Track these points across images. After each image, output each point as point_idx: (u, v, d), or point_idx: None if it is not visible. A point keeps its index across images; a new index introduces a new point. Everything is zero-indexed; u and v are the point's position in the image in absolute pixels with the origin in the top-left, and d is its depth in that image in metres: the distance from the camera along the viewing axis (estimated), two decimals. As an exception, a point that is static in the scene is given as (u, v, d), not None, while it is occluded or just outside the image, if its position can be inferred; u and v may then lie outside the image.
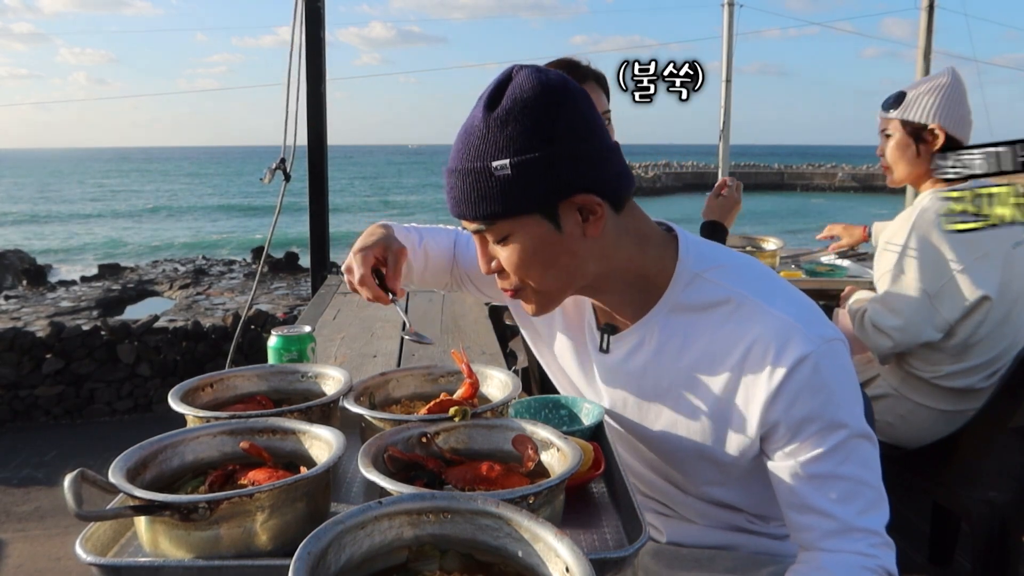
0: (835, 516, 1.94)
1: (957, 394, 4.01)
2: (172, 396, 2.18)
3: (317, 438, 1.91)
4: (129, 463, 1.73)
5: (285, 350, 2.71)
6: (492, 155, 1.92)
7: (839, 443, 1.94)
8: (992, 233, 3.92)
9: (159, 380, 10.81)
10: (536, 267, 2.02)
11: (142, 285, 23.54)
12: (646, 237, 2.11)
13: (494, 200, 1.93)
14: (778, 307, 1.99)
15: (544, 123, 1.90)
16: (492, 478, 1.82)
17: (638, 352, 2.17)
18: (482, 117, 1.95)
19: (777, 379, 1.93)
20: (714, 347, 2.04)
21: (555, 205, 1.94)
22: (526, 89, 1.92)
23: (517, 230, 1.98)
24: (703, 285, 2.08)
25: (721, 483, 2.22)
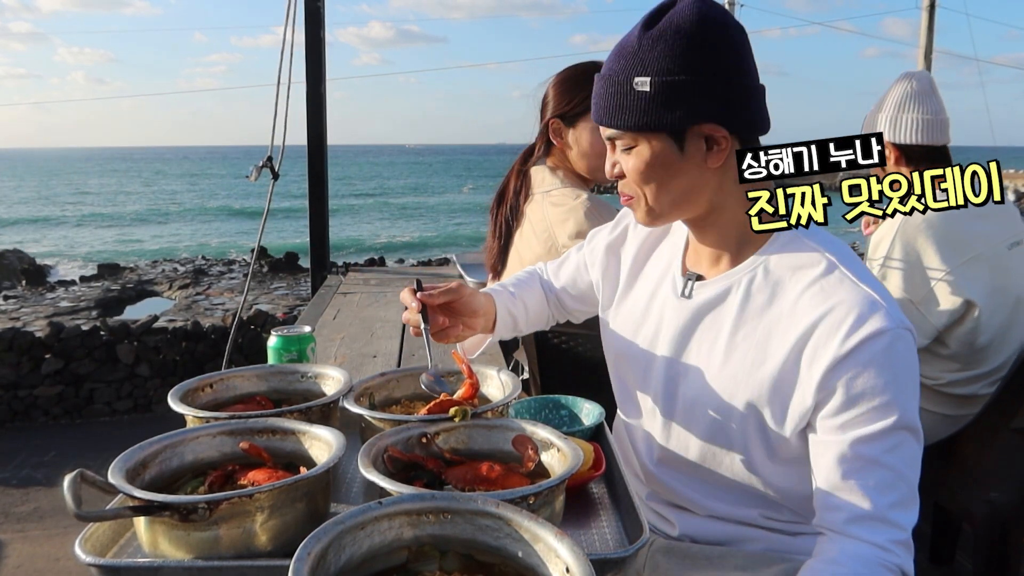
0: (869, 501, 1.92)
1: (960, 401, 4.00)
2: (172, 396, 2.18)
3: (317, 438, 1.91)
4: (128, 463, 1.73)
5: (285, 350, 2.71)
6: (637, 70, 2.02)
7: (890, 429, 1.92)
8: (983, 234, 3.90)
9: (158, 380, 10.82)
10: (653, 182, 2.10)
11: (141, 285, 23.54)
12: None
13: (629, 112, 2.04)
14: (866, 282, 2.01)
15: (691, 52, 1.99)
16: (492, 478, 1.82)
17: (721, 300, 2.19)
18: (638, 34, 2.05)
19: (851, 344, 1.93)
20: (796, 306, 2.05)
21: (683, 130, 2.03)
22: (685, 16, 2.01)
23: (643, 143, 2.07)
24: (800, 246, 2.12)
25: (769, 461, 2.19)
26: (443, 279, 7.47)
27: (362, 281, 7.69)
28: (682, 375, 2.27)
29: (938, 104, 4.07)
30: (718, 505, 2.36)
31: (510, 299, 2.75)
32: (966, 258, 3.82)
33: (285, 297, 19.45)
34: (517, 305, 2.77)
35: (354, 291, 6.94)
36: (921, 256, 3.84)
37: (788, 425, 2.07)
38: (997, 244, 3.91)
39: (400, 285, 7.34)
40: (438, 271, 9.26)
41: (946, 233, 3.84)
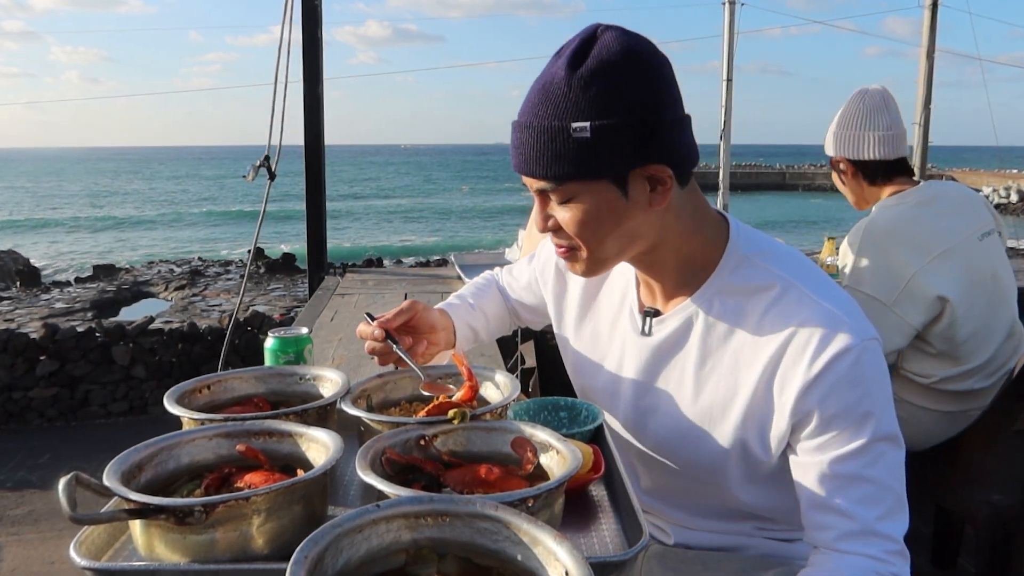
0: (855, 517, 1.93)
1: (957, 396, 4.03)
2: (168, 398, 2.18)
3: (314, 441, 1.91)
4: (124, 466, 1.73)
5: (282, 352, 2.71)
6: (572, 115, 1.90)
7: (869, 443, 1.94)
8: (952, 227, 3.95)
9: (154, 382, 10.81)
10: (596, 231, 2.03)
11: (137, 286, 23.53)
12: (703, 216, 2.13)
13: (568, 161, 1.93)
14: (824, 297, 2.00)
15: (628, 89, 1.90)
16: (491, 481, 1.82)
17: (682, 335, 2.18)
18: (564, 75, 1.93)
19: (818, 367, 1.93)
20: (759, 332, 2.04)
21: (627, 173, 1.96)
22: (613, 51, 1.92)
23: (584, 193, 1.98)
24: (751, 268, 2.09)
25: (749, 484, 2.21)
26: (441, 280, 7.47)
27: (360, 282, 7.69)
28: (651, 412, 2.28)
29: (892, 119, 4.13)
30: (709, 523, 2.37)
31: (468, 311, 2.77)
32: (935, 254, 3.86)
33: (282, 298, 19.45)
34: (477, 317, 2.78)
35: (352, 292, 6.95)
36: (890, 257, 3.89)
37: (767, 449, 2.09)
38: (966, 237, 3.95)
39: (398, 286, 7.36)
40: (436, 272, 9.26)
41: (913, 232, 3.91)
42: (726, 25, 11.87)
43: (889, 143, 4.10)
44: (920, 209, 4.00)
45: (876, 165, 4.13)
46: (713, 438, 2.15)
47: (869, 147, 4.11)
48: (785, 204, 69.58)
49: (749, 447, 2.11)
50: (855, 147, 4.14)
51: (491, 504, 1.44)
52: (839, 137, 4.20)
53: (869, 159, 4.12)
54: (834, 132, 4.22)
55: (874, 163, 4.13)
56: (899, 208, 4.03)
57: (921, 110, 16.52)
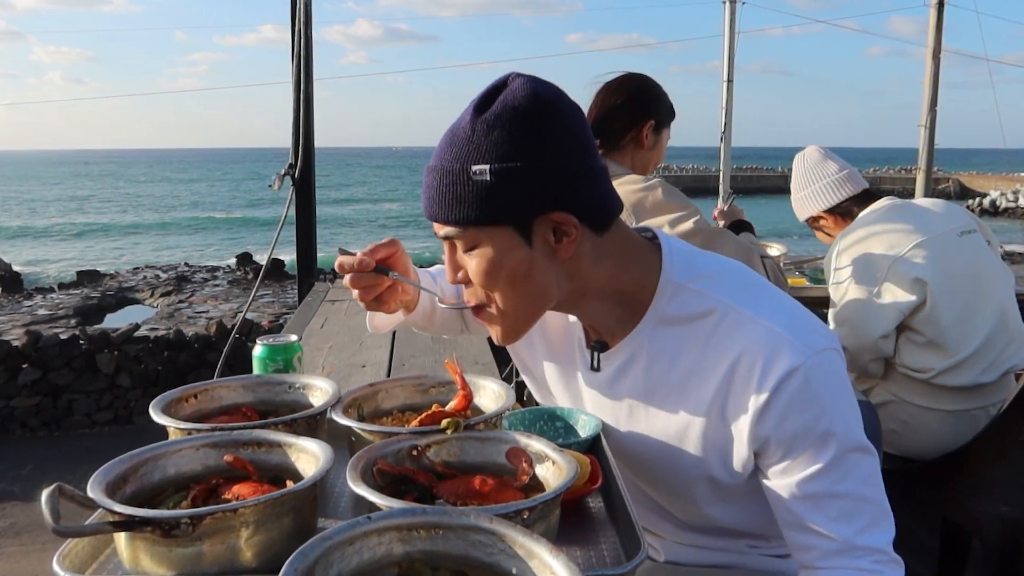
0: (835, 535, 1.94)
1: (959, 392, 4.09)
2: (153, 407, 2.18)
3: (304, 451, 1.91)
4: (109, 477, 1.73)
5: (271, 360, 2.71)
6: (473, 158, 1.90)
7: (834, 459, 1.93)
8: (928, 223, 4.21)
9: (140, 391, 10.82)
10: (501, 282, 2.00)
11: (122, 292, 23.54)
12: (628, 255, 2.10)
13: (468, 205, 1.91)
14: (764, 316, 1.98)
15: (531, 134, 1.89)
16: (485, 492, 1.82)
17: (628, 369, 2.17)
18: (470, 119, 1.93)
19: (765, 394, 1.93)
20: (703, 361, 2.03)
21: (530, 220, 1.93)
22: (519, 97, 1.91)
23: (487, 240, 1.95)
24: (688, 296, 2.07)
25: (720, 503, 2.21)
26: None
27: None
28: (616, 444, 2.27)
29: (835, 164, 4.55)
30: (699, 538, 2.38)
31: (431, 282, 2.67)
32: (913, 243, 4.11)
33: (271, 305, 19.46)
34: (436, 289, 2.71)
35: (342, 299, 6.95)
36: (869, 251, 4.18)
37: (733, 473, 2.09)
38: (943, 232, 4.19)
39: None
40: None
41: (888, 228, 4.21)
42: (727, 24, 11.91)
43: (847, 180, 4.49)
44: (894, 211, 4.32)
45: (848, 202, 4.49)
46: (677, 465, 2.15)
47: (831, 191, 4.49)
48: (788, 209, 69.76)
49: (714, 473, 2.11)
50: (821, 198, 4.52)
51: (485, 516, 1.44)
52: (805, 198, 4.61)
53: (840, 200, 4.48)
54: (798, 199, 4.65)
55: (846, 202, 4.49)
56: (874, 214, 4.34)
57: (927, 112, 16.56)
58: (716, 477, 2.12)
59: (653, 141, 4.05)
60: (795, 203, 4.69)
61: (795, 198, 4.68)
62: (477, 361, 4.56)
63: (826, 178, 4.49)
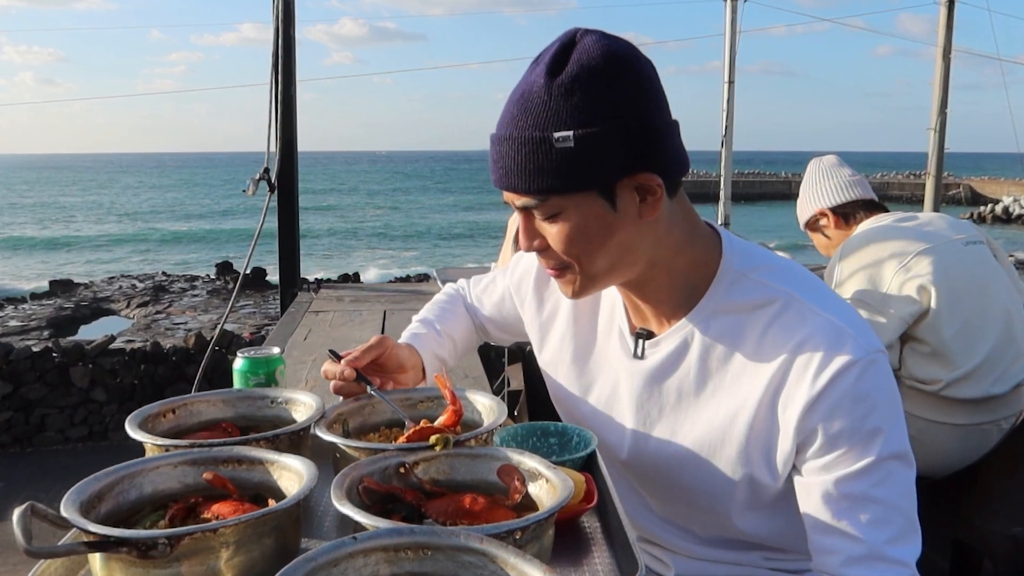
0: (863, 540, 1.94)
1: (969, 405, 4.09)
2: (130, 423, 2.17)
3: (286, 468, 1.91)
4: (83, 496, 1.73)
5: (252, 373, 2.71)
6: (554, 125, 1.90)
7: (876, 462, 1.94)
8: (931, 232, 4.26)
9: (115, 406, 10.80)
10: (586, 247, 2.02)
11: (97, 303, 23.52)
12: (694, 229, 2.14)
13: (552, 174, 1.92)
14: (828, 309, 2.02)
15: (612, 95, 1.90)
16: (476, 511, 1.82)
17: (680, 356, 2.17)
18: (544, 83, 1.93)
19: (821, 383, 1.94)
20: (761, 349, 2.05)
21: (614, 183, 1.95)
22: (594, 56, 1.92)
23: (570, 207, 1.98)
24: (748, 285, 2.10)
25: (750, 511, 2.21)
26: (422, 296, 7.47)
27: (335, 299, 7.69)
28: (648, 439, 2.29)
29: (849, 170, 4.66)
30: (714, 552, 2.38)
31: (436, 340, 2.76)
32: (914, 252, 4.15)
33: (252, 316, 19.46)
34: (444, 344, 2.77)
35: (326, 309, 6.94)
36: (872, 260, 4.22)
37: (772, 473, 2.10)
38: (950, 240, 4.25)
39: (377, 303, 7.37)
40: (417, 288, 9.28)
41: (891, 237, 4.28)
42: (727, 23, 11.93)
43: (858, 184, 4.58)
44: (897, 223, 4.39)
45: (852, 206, 4.56)
46: (715, 465, 2.15)
47: (841, 190, 4.57)
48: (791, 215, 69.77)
49: (755, 471, 2.11)
50: (829, 195, 4.59)
51: (476, 536, 1.44)
52: (812, 195, 4.68)
53: (846, 200, 4.55)
54: (805, 196, 4.73)
55: (851, 204, 4.56)
56: (876, 226, 4.40)
57: (936, 114, 16.57)
58: (756, 477, 2.12)
59: None
60: (801, 202, 4.76)
61: (802, 196, 4.75)
62: (467, 375, 4.56)
63: (838, 179, 4.56)
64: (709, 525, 2.33)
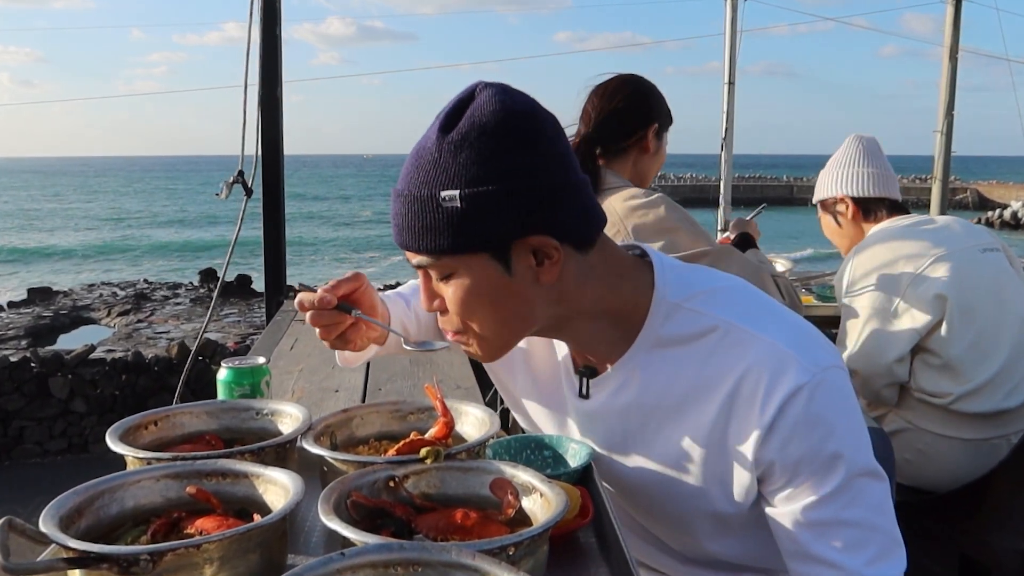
0: (842, 566, 1.94)
1: (978, 419, 4.07)
2: (110, 435, 2.17)
3: (272, 482, 1.91)
4: (62, 510, 1.73)
5: (236, 384, 2.71)
6: (442, 183, 1.88)
7: (842, 484, 1.93)
8: (948, 238, 4.21)
9: (96, 417, 10.80)
10: (480, 310, 2.01)
11: (76, 311, 23.50)
12: (616, 274, 2.10)
13: (440, 233, 1.91)
14: (769, 333, 1.99)
15: (502, 154, 1.88)
16: (467, 526, 1.82)
17: (620, 394, 2.16)
18: (436, 139, 1.92)
19: (769, 415, 1.93)
20: (702, 381, 2.03)
21: (507, 246, 1.93)
22: (486, 113, 1.90)
23: (462, 269, 1.96)
24: (684, 316, 2.07)
25: (721, 537, 2.21)
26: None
27: (323, 307, 7.66)
28: (610, 476, 2.29)
29: (886, 162, 4.53)
30: (703, 574, 2.38)
31: (404, 309, 2.68)
32: (930, 259, 4.11)
33: (237, 324, 19.44)
34: (410, 316, 2.69)
35: (314, 318, 6.91)
36: (886, 266, 4.17)
37: (735, 503, 2.09)
38: (966, 247, 4.20)
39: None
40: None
41: (907, 242, 4.23)
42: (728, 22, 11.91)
43: (887, 181, 4.47)
44: (914, 227, 4.33)
45: (877, 203, 4.47)
46: (676, 497, 2.16)
47: (870, 183, 4.45)
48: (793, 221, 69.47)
49: (715, 504, 2.11)
50: (857, 183, 4.46)
51: (468, 552, 1.45)
52: (840, 176, 4.53)
53: (871, 195, 4.45)
54: (832, 172, 4.58)
55: (875, 200, 4.46)
56: (892, 228, 4.35)
57: (943, 117, 16.54)
58: (717, 509, 2.12)
59: (656, 146, 4.08)
60: (826, 177, 4.64)
61: (828, 172, 4.63)
62: (459, 385, 4.55)
63: (873, 168, 4.46)
64: (686, 547, 2.34)
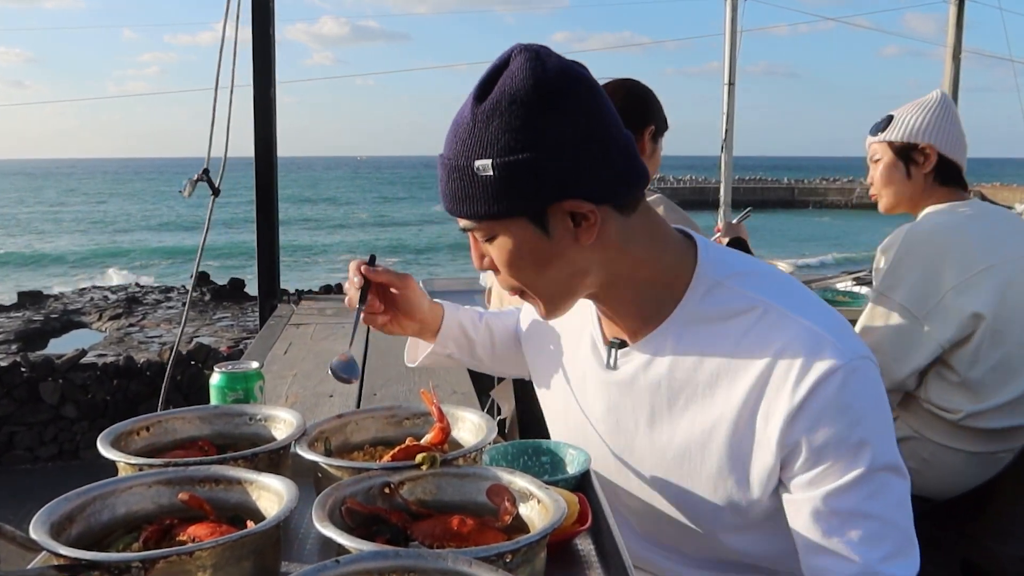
0: (856, 559, 1.94)
1: (987, 435, 3.99)
2: (102, 441, 2.17)
3: (266, 489, 1.91)
4: (53, 517, 1.73)
5: (230, 389, 2.70)
6: (476, 153, 1.96)
7: (866, 474, 1.94)
8: (1000, 244, 3.97)
9: (87, 423, 10.78)
10: (526, 270, 2.07)
11: (67, 315, 23.48)
12: (661, 241, 2.15)
13: (476, 201, 1.99)
14: (807, 316, 2.02)
15: (532, 122, 1.92)
16: (464, 533, 1.82)
17: (650, 367, 2.18)
18: (470, 108, 1.99)
19: (801, 393, 1.94)
20: (736, 358, 2.05)
21: (542, 210, 1.98)
22: (517, 81, 1.94)
23: (502, 232, 2.03)
24: (724, 292, 2.10)
25: (733, 530, 2.20)
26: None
27: (317, 311, 7.68)
28: (627, 454, 2.30)
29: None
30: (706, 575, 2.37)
31: (472, 318, 2.81)
32: (978, 269, 3.86)
33: (230, 329, 19.42)
34: (480, 329, 2.80)
35: (308, 322, 6.93)
36: (929, 266, 3.90)
37: (755, 489, 2.09)
38: (1014, 258, 3.95)
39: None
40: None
41: (958, 243, 3.92)
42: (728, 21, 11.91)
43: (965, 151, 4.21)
44: (971, 221, 4.04)
45: (955, 170, 4.18)
46: (695, 480, 2.16)
47: (959, 147, 4.17)
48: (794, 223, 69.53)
49: (735, 487, 2.11)
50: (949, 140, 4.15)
51: (464, 560, 1.45)
52: (931, 124, 4.16)
53: (956, 159, 4.16)
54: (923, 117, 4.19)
55: (955, 166, 4.17)
56: (949, 216, 4.05)
57: (947, 118, 16.50)
58: (734, 497, 2.12)
59: (652, 149, 4.11)
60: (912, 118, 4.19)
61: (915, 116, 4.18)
62: (455, 391, 4.56)
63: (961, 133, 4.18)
64: (698, 546, 2.32)
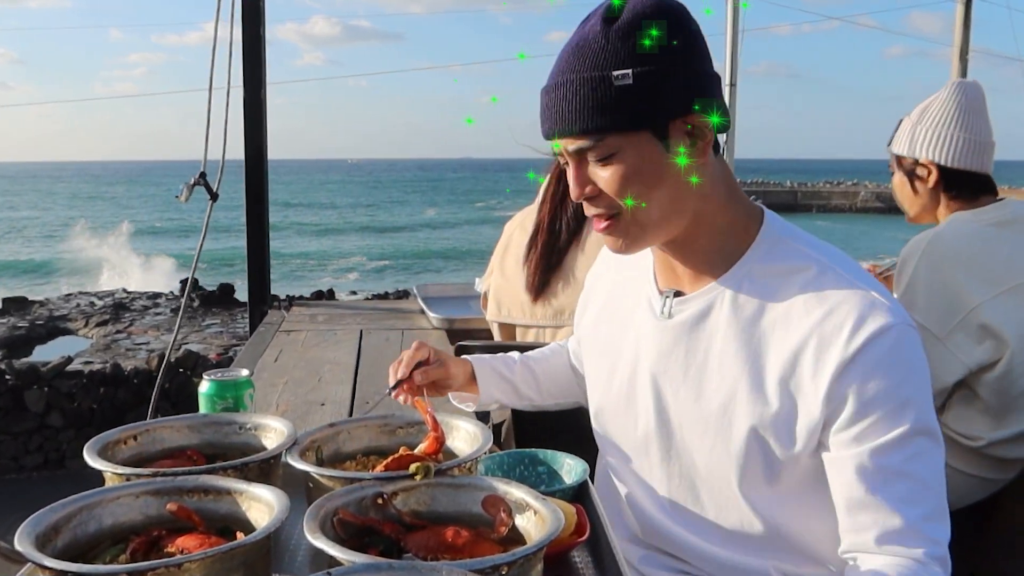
0: (899, 514, 1.98)
1: (1005, 464, 3.91)
2: (88, 450, 2.17)
3: (256, 499, 1.91)
4: (38, 528, 1.73)
5: (219, 397, 2.70)
6: (613, 64, 2.06)
7: (909, 434, 2.00)
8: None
9: (73, 431, 10.77)
10: (637, 188, 2.12)
11: (53, 322, 23.41)
12: (737, 192, 2.28)
13: (610, 111, 2.07)
14: (863, 281, 2.10)
15: (667, 40, 2.07)
16: (459, 545, 1.82)
17: (709, 315, 2.25)
18: (600, 29, 2.10)
19: (856, 344, 2.00)
20: (793, 310, 2.12)
21: (667, 124, 2.10)
22: (647, 4, 2.09)
23: (625, 147, 2.11)
24: (787, 249, 2.21)
25: (762, 486, 2.22)
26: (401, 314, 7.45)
27: (308, 317, 7.67)
28: (672, 403, 2.32)
29: (987, 124, 3.96)
30: (727, 554, 2.36)
31: (505, 362, 2.91)
32: (1006, 287, 3.72)
33: (219, 335, 19.38)
34: (516, 369, 2.91)
35: (299, 329, 6.93)
36: (952, 282, 3.74)
37: (797, 445, 2.12)
38: None
39: (352, 321, 7.35)
40: (396, 305, 9.25)
41: (984, 257, 3.78)
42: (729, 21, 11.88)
43: (982, 152, 3.93)
44: (997, 231, 3.84)
45: (970, 177, 3.93)
46: (736, 426, 2.19)
47: (964, 152, 3.90)
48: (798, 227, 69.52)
49: (774, 438, 2.14)
50: (948, 150, 3.92)
51: (459, 572, 1.45)
52: (927, 135, 3.97)
53: (965, 168, 3.91)
54: (920, 127, 4.00)
55: (968, 174, 3.92)
56: (973, 226, 3.85)
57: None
58: (772, 452, 2.16)
59: None
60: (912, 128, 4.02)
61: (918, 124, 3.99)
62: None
63: (972, 133, 3.90)
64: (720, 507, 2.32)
